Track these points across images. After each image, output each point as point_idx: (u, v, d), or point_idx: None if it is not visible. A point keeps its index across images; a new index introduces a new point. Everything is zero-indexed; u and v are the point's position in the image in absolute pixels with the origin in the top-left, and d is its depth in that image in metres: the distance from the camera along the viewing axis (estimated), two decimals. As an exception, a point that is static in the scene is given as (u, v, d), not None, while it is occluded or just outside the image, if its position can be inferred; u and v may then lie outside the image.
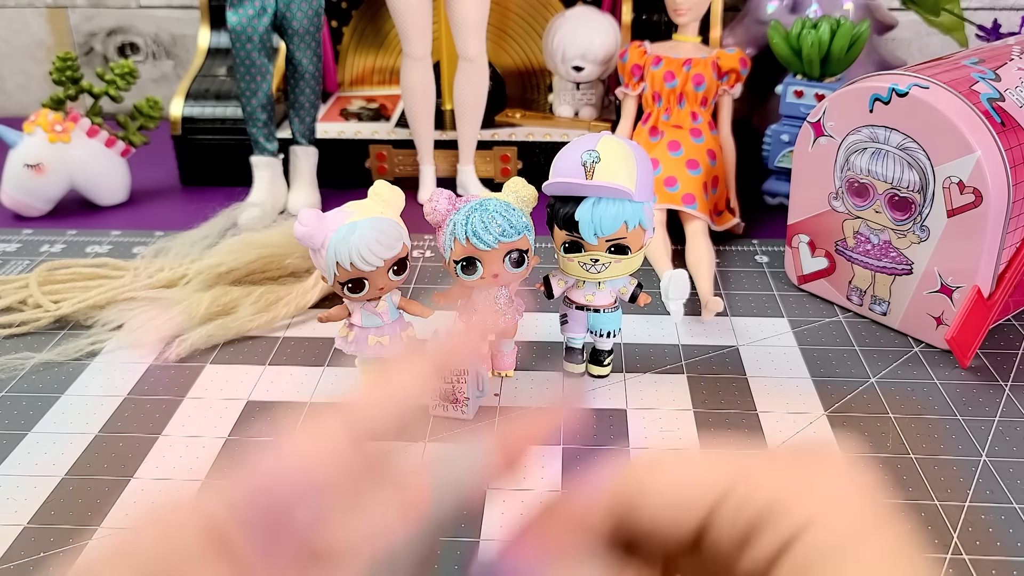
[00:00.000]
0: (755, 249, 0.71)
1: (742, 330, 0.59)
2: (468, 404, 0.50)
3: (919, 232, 0.55)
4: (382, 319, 0.50)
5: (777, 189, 0.77)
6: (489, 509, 0.44)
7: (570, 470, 0.46)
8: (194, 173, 0.85)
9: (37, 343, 0.58)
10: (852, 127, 0.56)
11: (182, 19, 1.04)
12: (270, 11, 0.72)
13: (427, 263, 0.69)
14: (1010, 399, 0.52)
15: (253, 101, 0.75)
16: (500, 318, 0.51)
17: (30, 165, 0.75)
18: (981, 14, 0.95)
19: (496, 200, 0.48)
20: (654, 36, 0.81)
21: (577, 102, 0.86)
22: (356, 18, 0.94)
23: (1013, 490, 0.44)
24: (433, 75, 0.76)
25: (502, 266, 0.48)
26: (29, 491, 0.45)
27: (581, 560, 0.22)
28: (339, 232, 0.46)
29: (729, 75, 0.72)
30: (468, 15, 0.72)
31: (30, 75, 1.08)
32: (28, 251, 0.71)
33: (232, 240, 0.64)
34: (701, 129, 0.72)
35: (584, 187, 0.46)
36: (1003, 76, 0.55)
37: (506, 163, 0.82)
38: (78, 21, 1.04)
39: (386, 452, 0.22)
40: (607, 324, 0.52)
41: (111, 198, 0.80)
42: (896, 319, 0.58)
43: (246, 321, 0.58)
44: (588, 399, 0.52)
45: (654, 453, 0.22)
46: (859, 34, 0.69)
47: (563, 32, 0.81)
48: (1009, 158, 0.51)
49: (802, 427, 0.49)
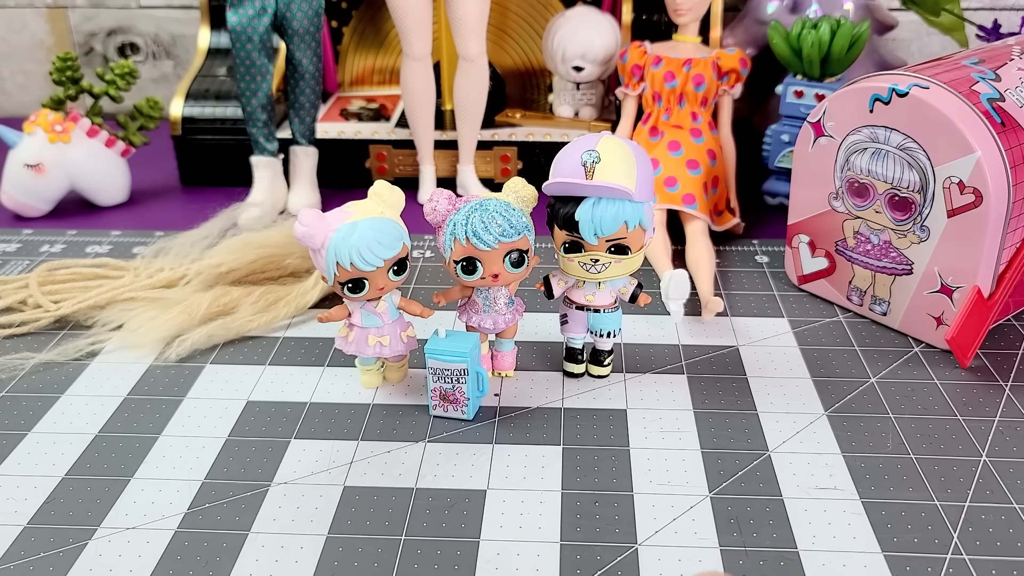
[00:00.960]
0: (755, 249, 0.71)
1: (742, 330, 0.59)
2: (468, 404, 0.50)
3: (919, 232, 0.55)
4: (382, 319, 0.50)
5: (777, 189, 0.77)
6: (489, 509, 0.44)
7: (570, 470, 0.46)
8: (194, 173, 0.85)
9: (37, 343, 0.58)
10: (852, 127, 0.56)
11: (182, 19, 1.04)
12: (270, 11, 0.72)
13: (427, 263, 0.69)
14: (1010, 399, 0.52)
15: (253, 101, 0.75)
16: (500, 318, 0.51)
17: (30, 165, 0.76)
18: (981, 14, 0.95)
19: (496, 200, 0.48)
20: (654, 36, 0.81)
21: (577, 102, 0.86)
22: (356, 18, 0.94)
23: (1013, 490, 0.44)
24: (433, 75, 0.76)
25: (502, 266, 0.48)
26: (29, 491, 0.45)
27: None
28: (339, 232, 0.46)
29: (729, 75, 0.72)
30: (468, 15, 0.72)
31: (30, 75, 1.08)
32: (28, 251, 0.71)
33: (232, 240, 0.64)
34: (701, 129, 0.72)
35: (584, 187, 0.46)
36: (1003, 76, 0.55)
37: (506, 163, 0.82)
38: (78, 21, 1.04)
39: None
40: (607, 324, 0.52)
41: (111, 198, 0.80)
42: (896, 319, 0.58)
43: (246, 321, 0.58)
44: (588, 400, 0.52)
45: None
46: (859, 34, 0.69)
47: (563, 32, 0.81)
48: (1009, 158, 0.51)
49: (802, 427, 0.49)
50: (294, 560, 0.41)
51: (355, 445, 0.48)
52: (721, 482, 0.45)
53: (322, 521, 0.43)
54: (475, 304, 0.51)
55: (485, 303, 0.51)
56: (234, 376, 0.55)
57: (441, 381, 0.49)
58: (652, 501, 0.44)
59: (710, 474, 0.46)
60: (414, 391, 0.53)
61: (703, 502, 0.44)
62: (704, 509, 0.43)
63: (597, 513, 0.43)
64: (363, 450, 0.48)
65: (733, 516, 0.43)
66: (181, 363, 0.56)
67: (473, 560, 0.41)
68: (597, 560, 0.41)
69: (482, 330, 0.51)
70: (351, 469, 0.46)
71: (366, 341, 0.50)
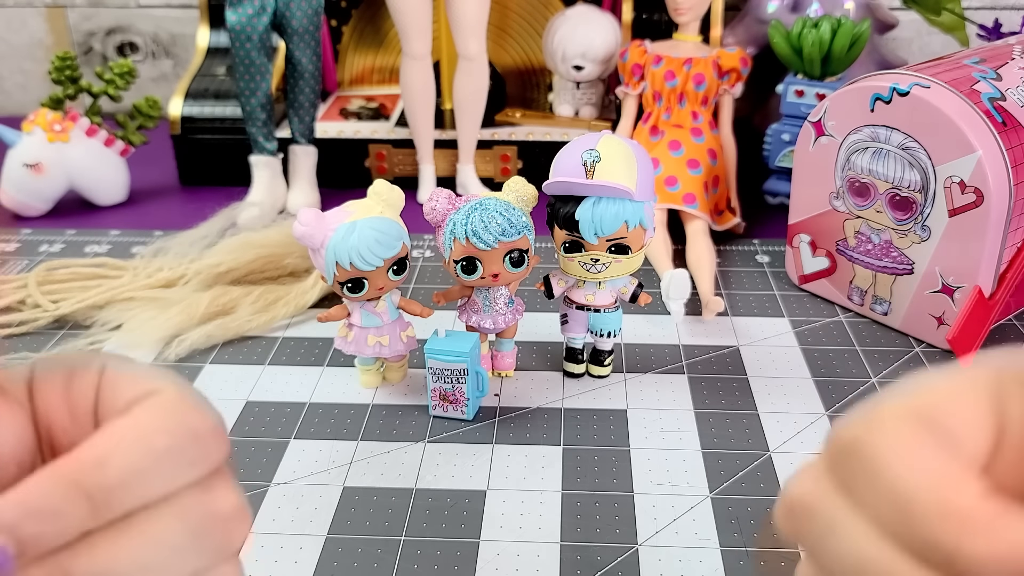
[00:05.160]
0: (756, 249, 0.70)
1: (743, 330, 0.59)
2: (468, 404, 0.49)
3: (920, 232, 0.55)
4: (381, 319, 0.50)
5: (778, 189, 0.76)
6: (489, 509, 0.43)
7: (570, 470, 0.46)
8: (193, 173, 0.84)
9: (36, 343, 0.58)
10: (853, 126, 0.56)
11: (181, 18, 1.03)
12: (269, 10, 0.72)
13: (427, 263, 0.69)
14: (1011, 399, 0.52)
15: (252, 100, 0.75)
16: (500, 318, 0.51)
17: (29, 165, 0.75)
18: (982, 13, 0.95)
19: (496, 200, 0.48)
20: (654, 35, 0.81)
21: (577, 101, 0.86)
22: (356, 17, 0.94)
23: (1015, 490, 0.44)
24: (433, 74, 0.76)
25: (502, 266, 0.48)
26: (27, 491, 0.45)
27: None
28: (338, 232, 0.46)
29: (730, 74, 0.72)
30: (468, 14, 0.72)
31: (29, 74, 1.07)
32: (27, 251, 0.71)
33: (231, 240, 0.64)
34: (702, 128, 0.72)
35: (584, 187, 0.46)
36: (1004, 75, 0.55)
37: (506, 162, 0.82)
38: (77, 20, 1.04)
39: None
40: (607, 324, 0.52)
41: (110, 198, 0.80)
42: (897, 319, 0.58)
43: (245, 321, 0.58)
44: (588, 400, 0.52)
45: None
46: (860, 33, 0.69)
47: (563, 31, 0.81)
48: (1010, 157, 0.51)
49: (803, 427, 0.49)
50: (293, 560, 0.41)
51: (355, 445, 0.48)
52: (721, 482, 0.45)
53: (322, 521, 0.43)
54: (475, 304, 0.51)
55: (485, 303, 0.51)
56: (233, 376, 0.55)
57: (441, 381, 0.49)
58: (652, 501, 0.44)
59: (710, 474, 0.46)
60: (414, 391, 0.53)
61: (703, 502, 0.44)
62: (704, 509, 0.43)
63: (597, 513, 0.43)
64: (363, 450, 0.48)
65: (734, 516, 0.43)
66: (180, 363, 0.56)
67: (473, 560, 0.40)
68: (597, 560, 0.40)
69: (482, 330, 0.51)
70: (351, 469, 0.46)
71: (366, 341, 0.50)
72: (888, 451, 0.18)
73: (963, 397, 0.19)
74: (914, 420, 0.18)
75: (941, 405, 0.19)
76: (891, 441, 0.18)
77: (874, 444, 0.18)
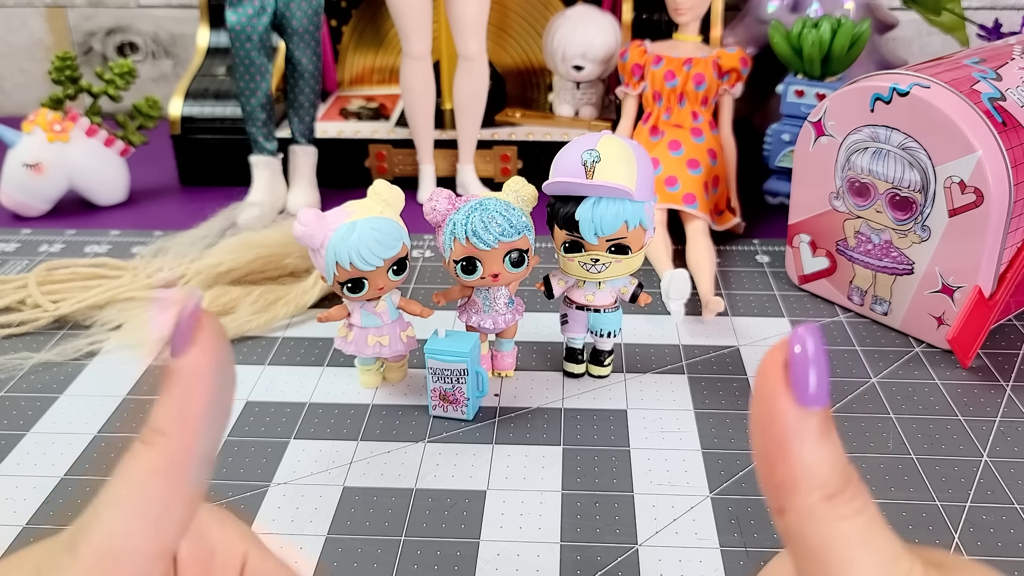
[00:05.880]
0: (756, 249, 0.70)
1: (743, 330, 0.59)
2: (468, 404, 0.49)
3: (920, 232, 0.55)
4: (381, 319, 0.50)
5: (778, 189, 0.76)
6: (489, 509, 0.43)
7: (570, 470, 0.46)
8: (193, 173, 0.84)
9: (36, 343, 0.58)
10: (853, 126, 0.56)
11: (181, 18, 1.03)
12: (269, 10, 0.72)
13: (427, 263, 0.69)
14: (1011, 399, 0.52)
15: (252, 100, 0.75)
16: (500, 318, 0.51)
17: (29, 165, 0.75)
18: (982, 13, 0.95)
19: (496, 200, 0.48)
20: (654, 35, 0.81)
21: (577, 101, 0.86)
22: (356, 17, 0.94)
23: (1014, 490, 0.44)
24: (433, 74, 0.76)
25: (502, 266, 0.48)
26: (28, 491, 0.45)
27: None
28: (338, 232, 0.46)
29: (730, 74, 0.72)
30: (468, 14, 0.72)
31: (29, 74, 1.07)
32: (27, 251, 0.71)
33: (231, 240, 0.64)
34: (702, 128, 0.72)
35: (584, 187, 0.46)
36: (1004, 75, 0.55)
37: (506, 163, 0.82)
38: (77, 20, 1.04)
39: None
40: (607, 324, 0.52)
41: (110, 198, 0.80)
42: (897, 319, 0.58)
43: (245, 321, 0.58)
44: (588, 400, 0.52)
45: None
46: (860, 33, 0.69)
47: (563, 31, 0.81)
48: (1010, 157, 0.51)
49: (803, 427, 0.49)
50: (293, 561, 0.41)
51: (355, 445, 0.48)
52: (721, 482, 0.45)
53: (322, 521, 0.43)
54: (475, 304, 0.51)
55: (485, 303, 0.51)
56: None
57: (441, 381, 0.49)
58: (652, 501, 0.44)
59: (710, 474, 0.46)
60: (414, 391, 0.53)
61: (703, 502, 0.44)
62: (705, 509, 0.43)
63: (597, 513, 0.43)
64: (363, 450, 0.48)
65: (734, 516, 0.43)
66: (180, 363, 0.56)
67: (473, 560, 0.40)
68: (597, 560, 0.40)
69: (482, 330, 0.51)
70: (351, 469, 0.46)
71: (365, 341, 0.50)
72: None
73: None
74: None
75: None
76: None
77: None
